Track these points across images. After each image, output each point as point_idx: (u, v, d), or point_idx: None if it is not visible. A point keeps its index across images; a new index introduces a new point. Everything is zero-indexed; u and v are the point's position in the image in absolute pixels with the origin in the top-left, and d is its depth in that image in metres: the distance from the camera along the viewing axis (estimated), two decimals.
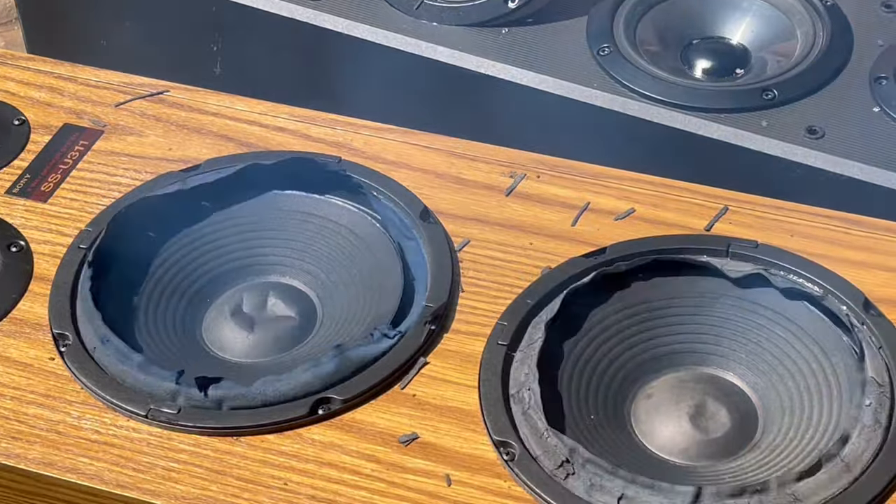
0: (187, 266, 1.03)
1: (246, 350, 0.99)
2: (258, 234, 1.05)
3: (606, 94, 1.23)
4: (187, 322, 1.01)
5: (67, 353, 0.95)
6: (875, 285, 0.97)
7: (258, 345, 0.99)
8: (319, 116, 1.12)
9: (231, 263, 1.04)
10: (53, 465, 0.89)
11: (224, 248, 1.04)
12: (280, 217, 1.05)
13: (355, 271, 1.02)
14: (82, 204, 1.06)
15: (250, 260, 1.04)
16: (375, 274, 1.00)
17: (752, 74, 1.27)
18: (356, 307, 0.99)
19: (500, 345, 0.94)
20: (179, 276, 1.02)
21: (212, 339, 1.00)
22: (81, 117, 1.13)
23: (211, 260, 1.04)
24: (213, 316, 1.01)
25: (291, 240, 1.05)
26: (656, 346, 0.98)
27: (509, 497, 0.86)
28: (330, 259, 1.03)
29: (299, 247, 1.04)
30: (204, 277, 1.03)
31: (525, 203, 1.05)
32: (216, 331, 1.00)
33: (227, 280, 1.03)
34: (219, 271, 1.04)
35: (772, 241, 1.00)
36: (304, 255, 1.04)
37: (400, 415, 0.91)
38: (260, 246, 1.05)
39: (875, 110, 1.21)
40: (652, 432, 0.94)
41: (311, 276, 1.03)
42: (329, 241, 1.04)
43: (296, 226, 1.05)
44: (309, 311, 1.02)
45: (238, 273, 1.04)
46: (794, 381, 0.94)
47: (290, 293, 1.02)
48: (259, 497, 0.87)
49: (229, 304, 1.02)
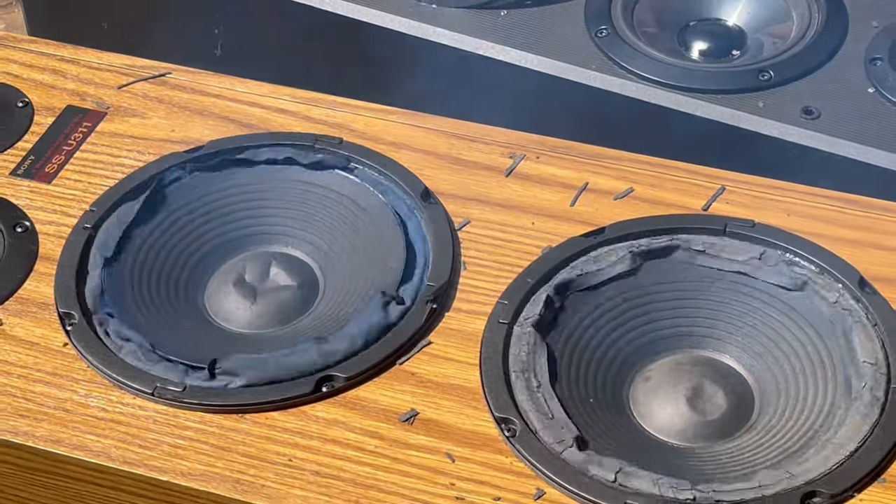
0: (190, 234, 1.04)
1: (249, 320, 1.00)
2: (260, 203, 1.06)
3: (604, 76, 1.23)
4: (189, 291, 1.02)
5: (73, 332, 0.96)
6: (870, 264, 0.98)
7: (261, 315, 1.00)
8: (320, 98, 1.13)
9: (233, 233, 1.05)
10: (61, 442, 0.91)
11: (226, 217, 1.05)
12: (282, 187, 1.06)
13: (358, 242, 1.03)
14: (86, 185, 1.07)
15: (253, 229, 1.05)
16: (378, 245, 1.01)
17: (749, 56, 1.28)
18: (358, 278, 1.00)
19: (501, 323, 0.95)
20: (182, 245, 1.03)
21: (214, 308, 1.01)
22: (84, 99, 1.14)
23: (213, 228, 1.04)
24: (216, 285, 1.02)
25: (293, 209, 1.05)
26: (654, 329, 0.99)
27: (511, 472, 0.88)
28: (332, 229, 1.04)
29: (301, 216, 1.05)
30: (206, 246, 1.04)
31: (524, 183, 1.06)
32: (219, 300, 1.01)
33: (230, 249, 1.04)
34: (221, 240, 1.04)
35: (768, 220, 1.01)
36: (306, 226, 1.05)
37: (403, 392, 0.92)
38: (262, 216, 1.05)
39: (870, 91, 1.22)
40: (650, 414, 0.95)
41: (314, 247, 1.04)
42: (331, 212, 1.05)
43: (298, 195, 1.06)
44: (311, 282, 1.02)
45: (240, 242, 1.05)
46: (790, 363, 0.96)
47: (293, 263, 1.03)
48: (264, 473, 0.88)
49: (232, 273, 1.03)
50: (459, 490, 0.87)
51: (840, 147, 1.17)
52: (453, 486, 0.87)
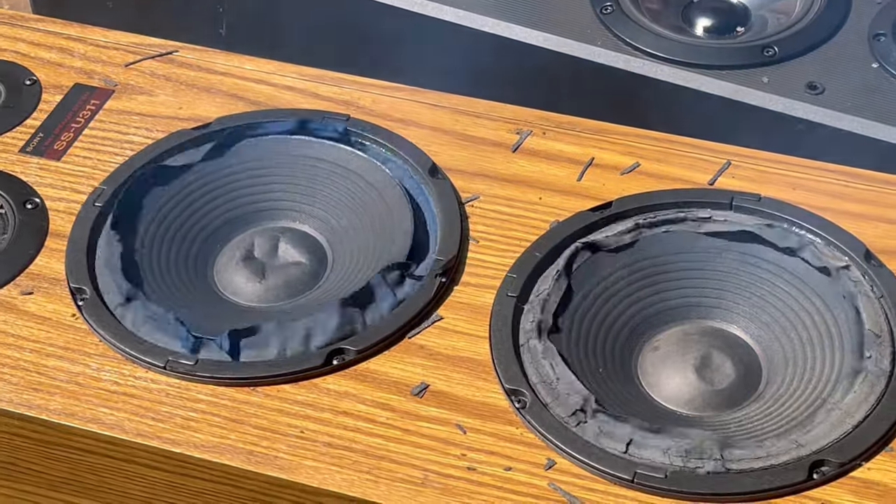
0: (199, 210, 1.04)
1: (258, 294, 1.01)
2: (268, 178, 1.06)
3: (610, 52, 1.24)
4: (199, 265, 1.03)
5: (85, 307, 0.97)
6: (875, 237, 0.99)
7: (270, 289, 1.01)
8: (327, 75, 1.14)
9: (241, 208, 1.05)
10: (75, 415, 0.91)
11: (234, 193, 1.05)
12: (289, 162, 1.06)
13: (365, 217, 1.03)
14: (95, 162, 1.08)
15: (260, 205, 1.06)
16: (385, 220, 1.02)
17: (753, 32, 1.29)
18: (366, 252, 1.01)
19: (510, 296, 0.96)
20: (191, 220, 1.04)
21: (224, 282, 1.02)
22: (92, 77, 1.15)
23: (222, 204, 1.05)
24: (225, 260, 1.03)
25: (301, 185, 1.06)
26: (662, 300, 0.99)
27: (521, 443, 0.89)
28: (339, 204, 1.05)
29: (309, 192, 1.06)
30: (215, 221, 1.05)
31: (531, 159, 1.06)
32: (228, 275, 1.02)
33: (238, 224, 1.05)
34: (229, 215, 1.05)
35: (774, 194, 1.02)
36: (313, 201, 1.05)
37: (413, 365, 0.93)
38: (270, 191, 1.06)
39: (874, 66, 1.22)
40: (659, 384, 0.96)
41: (321, 222, 1.05)
42: (339, 187, 1.05)
43: (305, 171, 1.06)
44: (319, 257, 1.03)
45: (249, 217, 1.05)
46: (797, 332, 0.96)
47: (301, 238, 1.04)
48: (277, 445, 0.89)
49: (240, 248, 1.03)
50: (470, 461, 0.88)
51: (844, 122, 1.18)
52: (464, 457, 0.88)
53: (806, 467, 0.86)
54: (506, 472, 0.87)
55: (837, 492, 0.85)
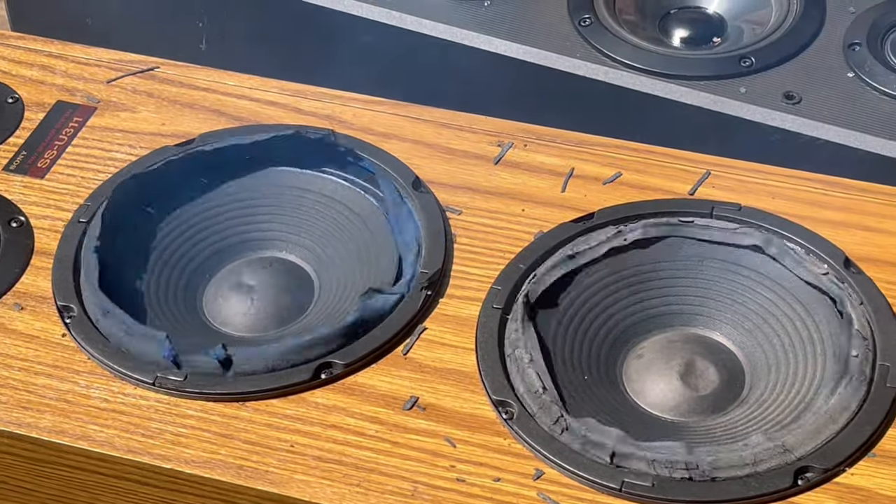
0: (186, 242, 1.05)
1: (247, 324, 1.01)
2: (255, 209, 1.07)
3: (589, 64, 1.25)
4: (188, 296, 1.03)
5: (73, 325, 0.97)
6: (854, 244, 1.00)
7: (258, 319, 1.02)
8: (309, 90, 1.14)
9: (229, 239, 1.06)
10: (65, 432, 0.91)
11: (222, 224, 1.06)
12: (276, 193, 1.07)
13: (351, 246, 1.04)
14: (79, 179, 1.08)
15: (248, 235, 1.06)
16: (371, 248, 1.03)
17: (730, 43, 1.30)
18: (353, 281, 1.02)
19: (496, 308, 0.97)
20: (179, 252, 1.04)
21: (213, 313, 1.03)
22: (74, 94, 1.15)
23: (209, 235, 1.06)
24: (213, 290, 1.04)
25: (287, 215, 1.07)
26: (645, 308, 1.00)
27: (509, 454, 0.89)
28: (326, 234, 1.06)
29: (295, 222, 1.07)
30: (203, 253, 1.05)
31: (513, 171, 1.07)
32: (217, 305, 1.03)
33: (226, 255, 1.06)
34: (217, 246, 1.06)
35: (754, 203, 1.03)
36: (300, 231, 1.06)
37: (401, 377, 0.94)
38: (257, 221, 1.07)
39: (849, 75, 1.24)
40: (643, 391, 0.97)
41: (308, 251, 1.06)
42: (325, 216, 1.06)
43: (291, 201, 1.07)
44: (306, 286, 1.04)
45: (236, 248, 1.06)
46: (779, 338, 0.97)
47: (288, 268, 1.05)
48: (267, 459, 0.90)
49: (229, 279, 1.04)
50: (460, 472, 0.88)
51: (821, 130, 1.19)
52: (453, 469, 0.89)
53: (791, 474, 0.87)
54: (495, 483, 0.88)
55: (822, 497, 0.86)
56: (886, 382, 0.91)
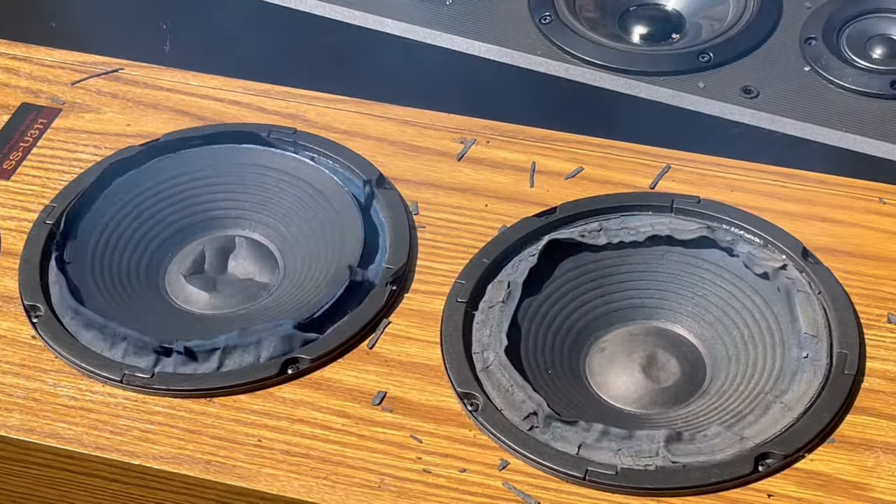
0: (148, 220, 1.05)
1: (210, 303, 1.02)
2: (217, 187, 1.07)
3: (550, 61, 1.26)
4: (150, 275, 1.04)
5: (40, 324, 0.97)
6: (812, 235, 1.02)
7: (222, 297, 1.02)
8: (273, 89, 1.15)
9: (191, 217, 1.06)
10: (33, 430, 0.92)
11: (183, 202, 1.07)
12: (238, 170, 1.08)
13: (315, 224, 1.05)
14: (44, 180, 1.09)
15: (210, 213, 1.07)
16: (336, 226, 1.03)
17: (688, 38, 1.31)
18: (317, 259, 1.02)
19: (460, 302, 0.98)
20: (141, 231, 1.05)
21: (175, 292, 1.03)
22: (38, 96, 1.15)
23: (171, 214, 1.06)
24: (176, 269, 1.04)
25: (250, 193, 1.07)
26: (607, 302, 1.01)
27: (475, 445, 0.90)
28: (289, 212, 1.06)
29: (258, 200, 1.07)
30: (165, 231, 1.06)
31: (476, 167, 1.08)
32: (179, 284, 1.03)
33: (188, 234, 1.06)
34: (178, 225, 1.06)
35: (713, 196, 1.04)
36: (262, 209, 1.07)
37: (367, 372, 0.95)
38: (219, 199, 1.07)
39: (806, 69, 1.25)
40: (606, 383, 0.98)
41: (271, 229, 1.06)
42: (288, 194, 1.07)
43: (254, 179, 1.07)
44: (270, 264, 1.04)
45: (198, 226, 1.06)
46: (739, 330, 0.99)
47: (251, 246, 1.05)
48: (234, 454, 0.90)
49: (191, 257, 1.04)
50: (426, 463, 0.89)
51: (779, 124, 1.20)
52: (419, 460, 0.90)
53: (751, 460, 0.88)
54: (460, 474, 0.89)
55: (782, 483, 0.88)
56: (844, 370, 0.93)
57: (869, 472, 0.88)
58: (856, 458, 0.89)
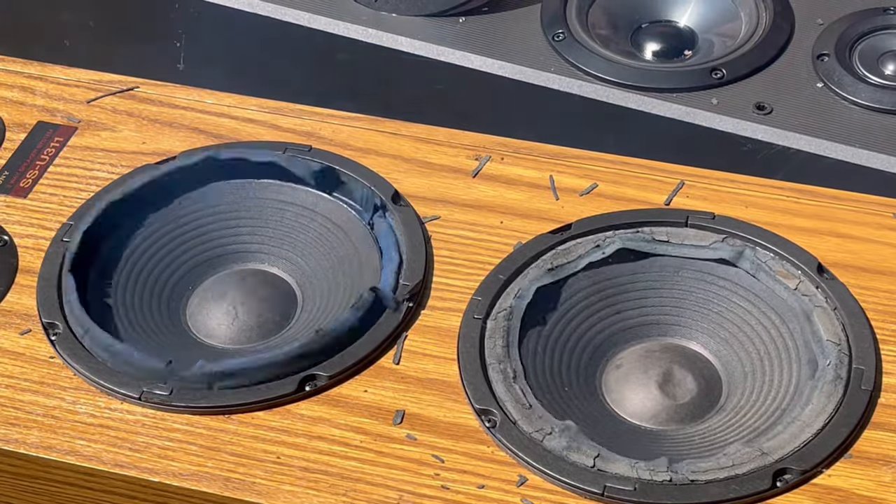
0: (168, 254, 1.06)
1: (231, 336, 1.02)
2: (236, 222, 1.08)
3: (563, 78, 1.27)
4: (171, 310, 1.04)
5: (58, 342, 0.98)
6: (826, 251, 1.02)
7: (242, 331, 1.03)
8: (287, 107, 1.15)
9: (211, 251, 1.07)
10: (52, 448, 0.92)
11: (204, 237, 1.07)
12: (258, 205, 1.08)
13: (334, 258, 1.05)
14: (61, 198, 1.09)
15: (230, 248, 1.07)
16: (353, 260, 1.04)
17: (701, 55, 1.32)
18: (336, 293, 1.03)
19: (476, 318, 0.98)
20: (162, 265, 1.05)
21: (197, 326, 1.04)
22: (55, 115, 1.16)
23: (192, 248, 1.07)
24: (197, 303, 1.05)
25: (269, 228, 1.08)
26: (622, 319, 1.02)
27: (493, 461, 0.91)
28: (308, 246, 1.07)
29: (278, 235, 1.08)
30: (185, 265, 1.06)
31: (491, 184, 1.09)
32: (200, 318, 1.04)
33: (209, 268, 1.07)
34: (199, 259, 1.07)
35: (727, 212, 1.04)
36: (282, 243, 1.07)
37: (384, 388, 0.95)
38: (239, 234, 1.08)
39: (819, 86, 1.26)
40: (622, 400, 0.98)
41: (291, 264, 1.07)
42: (307, 229, 1.07)
43: (273, 214, 1.08)
44: (289, 298, 1.05)
45: (219, 261, 1.07)
46: (755, 346, 0.99)
47: (271, 280, 1.06)
48: (253, 471, 0.91)
49: (212, 291, 1.05)
50: (444, 480, 0.90)
51: (792, 140, 1.21)
52: (438, 477, 0.90)
53: (769, 476, 0.88)
54: (479, 490, 0.89)
55: (800, 498, 0.88)
56: (861, 385, 0.93)
57: (886, 487, 0.88)
58: (873, 473, 0.89)
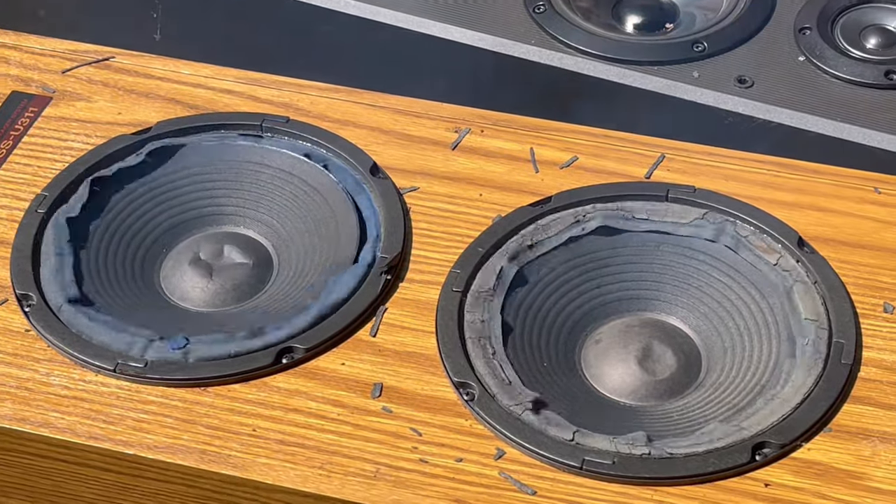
0: (143, 216, 1.05)
1: (205, 299, 1.01)
2: (212, 184, 1.07)
3: (544, 50, 1.26)
4: (146, 271, 1.03)
5: (32, 313, 0.97)
6: (807, 224, 1.01)
7: (217, 294, 1.02)
8: (265, 78, 1.14)
9: (186, 213, 1.06)
10: (26, 420, 0.91)
11: (179, 199, 1.06)
12: (233, 167, 1.07)
13: (310, 221, 1.04)
14: (35, 169, 1.08)
15: (205, 210, 1.06)
16: (330, 223, 1.03)
17: (682, 28, 1.31)
18: (312, 256, 1.02)
19: (455, 291, 0.97)
20: (136, 226, 1.04)
21: (171, 288, 1.02)
22: (29, 85, 1.15)
23: (166, 210, 1.05)
24: (171, 265, 1.03)
25: (245, 190, 1.07)
26: (602, 294, 1.01)
27: (471, 434, 0.90)
28: (284, 209, 1.06)
29: (253, 197, 1.06)
30: (160, 227, 1.05)
31: (471, 156, 1.08)
32: (175, 280, 1.03)
33: (183, 230, 1.05)
34: (174, 221, 1.05)
35: (708, 185, 1.04)
36: (258, 206, 1.06)
37: (362, 361, 0.94)
38: (214, 196, 1.06)
39: (800, 59, 1.25)
40: (602, 376, 0.97)
41: (266, 226, 1.06)
42: (283, 191, 1.06)
43: (249, 176, 1.07)
44: (265, 261, 1.04)
45: (193, 223, 1.06)
46: (734, 322, 0.99)
47: (246, 242, 1.05)
48: (229, 444, 0.90)
49: (186, 253, 1.04)
50: (422, 453, 0.89)
51: (773, 113, 1.21)
52: (416, 450, 0.89)
53: (748, 449, 0.88)
54: (457, 464, 0.88)
55: (779, 472, 0.88)
56: (841, 359, 0.93)
57: (866, 461, 0.88)
58: (852, 447, 0.89)
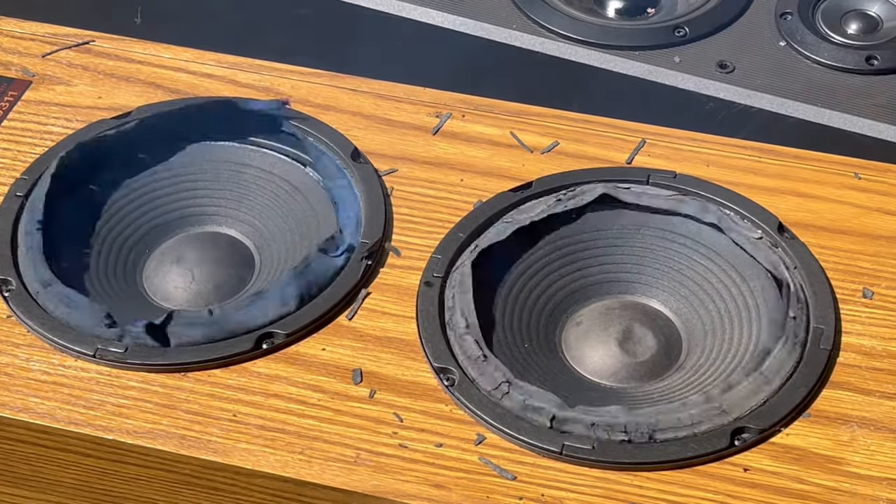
0: (126, 217, 1.05)
1: (188, 299, 1.01)
2: (194, 184, 1.07)
3: (525, 35, 1.26)
4: (128, 272, 1.03)
5: (11, 298, 0.96)
6: (787, 210, 1.02)
7: (199, 293, 1.02)
8: (246, 62, 1.14)
9: (168, 214, 1.06)
10: (5, 405, 0.91)
11: (161, 199, 1.06)
12: (215, 167, 1.07)
13: (291, 220, 1.04)
14: (15, 153, 1.07)
15: (187, 210, 1.06)
16: (312, 222, 1.03)
17: (664, 13, 1.31)
18: (293, 254, 1.02)
19: (436, 276, 0.97)
20: (118, 228, 1.04)
21: (153, 288, 1.02)
22: (9, 68, 1.14)
23: (149, 210, 1.05)
24: (154, 266, 1.03)
25: (227, 190, 1.07)
26: (583, 276, 1.01)
27: (451, 420, 0.90)
28: (266, 208, 1.06)
29: (235, 197, 1.07)
30: (142, 228, 1.05)
31: (452, 141, 1.08)
32: (157, 280, 1.03)
33: (165, 230, 1.05)
34: (156, 221, 1.05)
35: (689, 171, 1.04)
36: (240, 205, 1.06)
37: (342, 346, 0.94)
38: (196, 196, 1.06)
39: (781, 44, 1.26)
40: (582, 357, 0.98)
41: (248, 226, 1.06)
42: (265, 191, 1.06)
43: (231, 176, 1.07)
44: (247, 260, 1.04)
45: (176, 223, 1.06)
46: (715, 304, 0.99)
47: (228, 242, 1.05)
48: (209, 429, 0.90)
49: (169, 253, 1.04)
50: (402, 438, 0.89)
51: (754, 99, 1.21)
52: (396, 435, 0.89)
53: (728, 434, 0.88)
54: (437, 449, 0.89)
55: (758, 457, 0.88)
56: (820, 345, 0.93)
57: (844, 446, 0.88)
58: (831, 432, 0.89)
